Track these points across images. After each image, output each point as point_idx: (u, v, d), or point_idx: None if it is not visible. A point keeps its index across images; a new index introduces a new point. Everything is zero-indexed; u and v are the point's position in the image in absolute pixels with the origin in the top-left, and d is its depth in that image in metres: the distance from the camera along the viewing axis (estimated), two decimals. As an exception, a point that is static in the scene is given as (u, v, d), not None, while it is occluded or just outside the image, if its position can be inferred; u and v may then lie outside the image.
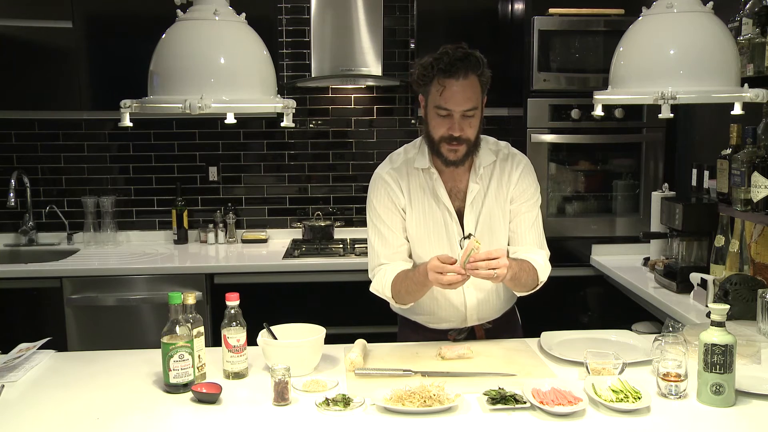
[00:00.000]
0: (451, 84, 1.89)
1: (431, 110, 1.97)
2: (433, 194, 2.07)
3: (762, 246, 2.49)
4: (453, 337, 2.15)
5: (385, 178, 2.09)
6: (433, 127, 1.98)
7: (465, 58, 1.90)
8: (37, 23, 3.40)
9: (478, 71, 1.92)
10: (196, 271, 3.30)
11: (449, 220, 2.07)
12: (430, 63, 1.92)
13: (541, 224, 2.14)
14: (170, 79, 1.67)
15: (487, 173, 2.08)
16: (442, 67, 1.89)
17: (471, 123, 1.95)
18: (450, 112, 1.92)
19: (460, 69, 1.89)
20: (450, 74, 1.89)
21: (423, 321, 2.18)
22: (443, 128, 1.95)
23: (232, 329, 1.80)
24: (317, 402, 1.63)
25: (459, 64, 1.89)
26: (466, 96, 1.91)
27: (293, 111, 1.82)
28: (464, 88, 1.90)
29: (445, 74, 1.89)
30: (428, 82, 1.94)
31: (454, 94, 1.90)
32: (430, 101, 1.97)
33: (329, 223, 3.83)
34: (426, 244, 2.08)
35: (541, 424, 1.55)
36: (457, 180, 2.08)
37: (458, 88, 1.90)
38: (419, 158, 2.09)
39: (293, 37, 3.85)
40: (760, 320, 2.11)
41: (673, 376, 1.65)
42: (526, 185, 2.10)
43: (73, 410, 1.65)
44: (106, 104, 2.96)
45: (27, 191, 3.74)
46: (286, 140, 3.92)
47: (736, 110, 1.73)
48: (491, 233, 2.08)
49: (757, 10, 2.32)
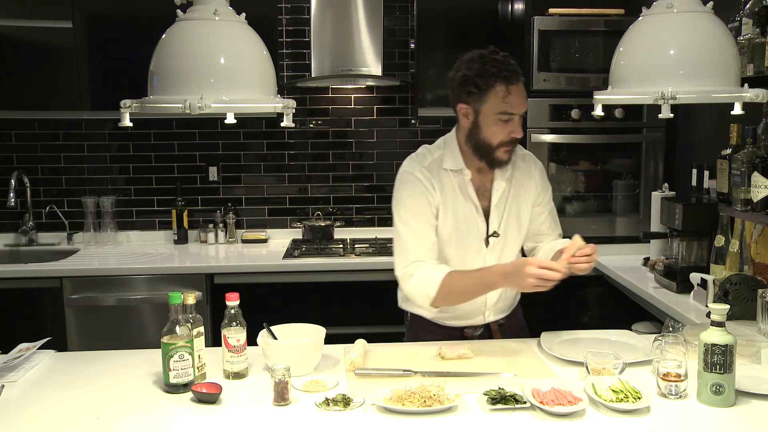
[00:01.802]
0: (513, 89, 1.97)
1: (491, 117, 1.99)
2: (464, 194, 2.10)
3: (762, 246, 2.49)
4: (470, 334, 2.18)
5: (417, 176, 2.08)
6: (493, 133, 2.01)
7: (514, 62, 2.01)
8: (37, 23, 3.40)
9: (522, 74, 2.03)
10: (196, 271, 3.30)
11: (478, 219, 2.11)
12: (490, 72, 1.97)
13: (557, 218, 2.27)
14: (170, 79, 1.67)
15: (510, 170, 2.15)
16: (506, 74, 1.97)
17: (520, 123, 2.05)
18: (513, 116, 1.99)
19: (517, 72, 1.99)
20: (511, 80, 1.97)
21: (440, 318, 2.18)
22: (504, 132, 2.00)
23: (232, 329, 1.80)
24: (317, 402, 1.63)
25: (514, 68, 1.99)
26: (525, 98, 2.01)
27: (293, 111, 1.82)
28: (522, 91, 2.00)
29: (508, 80, 1.97)
30: (487, 90, 1.98)
31: (518, 98, 1.98)
32: (488, 109, 1.99)
33: (329, 223, 3.83)
34: (456, 244, 2.10)
35: (541, 424, 1.55)
36: (483, 180, 2.12)
37: (520, 92, 1.99)
38: (448, 159, 2.10)
39: (293, 37, 3.85)
40: (760, 320, 2.11)
41: (673, 376, 1.65)
42: (547, 186, 2.22)
43: (73, 410, 1.65)
44: (106, 104, 2.96)
45: (27, 191, 3.74)
46: (286, 140, 3.92)
47: (736, 110, 1.73)
48: (512, 230, 2.15)
49: (757, 10, 2.32)
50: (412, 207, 2.07)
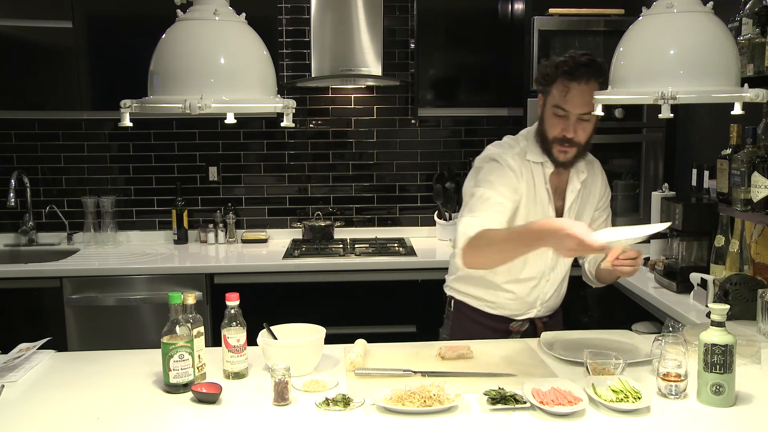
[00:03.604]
0: (573, 86, 1.97)
1: (549, 109, 2.03)
2: (542, 189, 2.11)
3: (762, 246, 2.49)
4: (516, 329, 2.21)
5: (509, 161, 2.07)
6: (549, 126, 2.04)
7: (589, 63, 1.97)
8: (37, 23, 3.40)
9: (600, 78, 1.96)
10: (196, 271, 3.30)
11: (550, 214, 2.12)
12: (556, 64, 2.01)
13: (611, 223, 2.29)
14: (170, 79, 1.67)
15: (584, 176, 2.16)
16: (566, 69, 1.97)
17: (585, 127, 2.02)
18: (567, 113, 1.99)
19: (583, 73, 1.96)
20: (573, 77, 1.97)
21: (490, 307, 2.20)
22: (558, 128, 2.02)
23: (232, 329, 1.80)
24: (317, 402, 1.63)
25: (583, 69, 1.96)
26: (585, 100, 1.97)
27: (293, 111, 1.82)
28: (584, 92, 1.96)
29: (568, 76, 1.97)
30: (551, 83, 2.02)
31: (574, 96, 1.97)
32: (549, 100, 2.03)
33: (329, 223, 3.83)
34: None
35: (541, 424, 1.55)
36: (560, 179, 2.15)
37: (579, 91, 1.97)
38: (532, 151, 2.11)
39: (293, 37, 3.85)
40: (760, 320, 2.11)
41: (673, 376, 1.65)
42: (608, 192, 2.27)
43: (73, 410, 1.65)
44: (106, 104, 2.96)
45: (27, 191, 3.74)
46: (286, 140, 3.92)
47: (736, 110, 1.73)
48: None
49: (757, 10, 2.32)
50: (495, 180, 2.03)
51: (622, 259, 1.89)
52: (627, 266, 1.91)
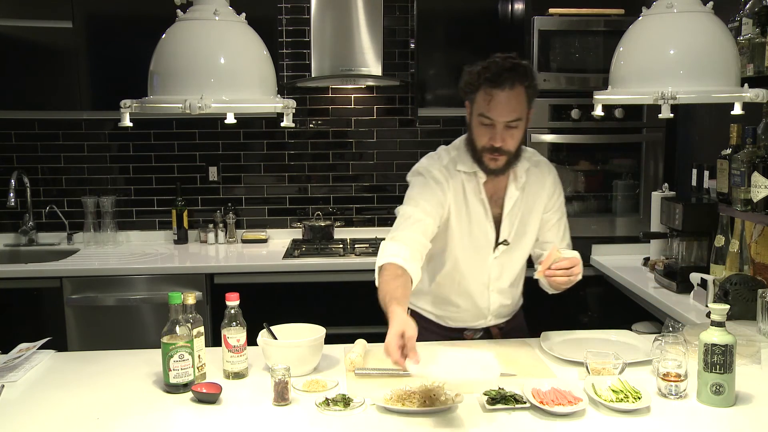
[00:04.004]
0: (497, 94, 1.89)
1: (475, 118, 1.96)
2: (476, 199, 2.06)
3: (762, 246, 2.49)
4: (470, 336, 2.18)
5: (435, 174, 2.04)
6: (477, 136, 1.98)
7: (513, 68, 1.90)
8: (37, 23, 3.40)
9: (526, 82, 1.91)
10: (196, 271, 3.30)
11: (487, 225, 2.08)
12: (478, 71, 1.92)
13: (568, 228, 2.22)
14: (170, 79, 1.67)
15: (524, 179, 2.10)
16: (489, 76, 1.89)
17: (513, 134, 1.95)
18: (493, 121, 1.92)
19: (507, 79, 1.88)
20: (496, 84, 1.88)
21: (441, 318, 2.19)
22: (485, 137, 1.95)
23: (232, 329, 1.80)
24: (317, 402, 1.63)
25: (506, 74, 1.88)
26: (511, 107, 1.91)
27: (293, 111, 1.82)
28: (509, 99, 1.90)
29: (491, 84, 1.89)
30: (475, 90, 1.94)
31: (499, 104, 1.90)
32: (475, 109, 1.96)
33: (329, 223, 3.83)
34: (465, 248, 2.08)
35: (541, 424, 1.55)
36: (497, 186, 2.08)
37: (503, 98, 1.89)
38: (463, 161, 2.06)
39: (293, 37, 3.85)
40: (760, 320, 2.11)
41: (673, 376, 1.65)
42: (558, 193, 2.17)
43: (73, 410, 1.65)
44: (106, 104, 2.96)
45: (27, 191, 3.74)
46: (286, 140, 3.92)
47: (736, 110, 1.73)
48: (523, 239, 2.13)
49: (757, 10, 2.32)
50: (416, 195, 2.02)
51: (554, 269, 1.88)
52: (560, 276, 1.88)
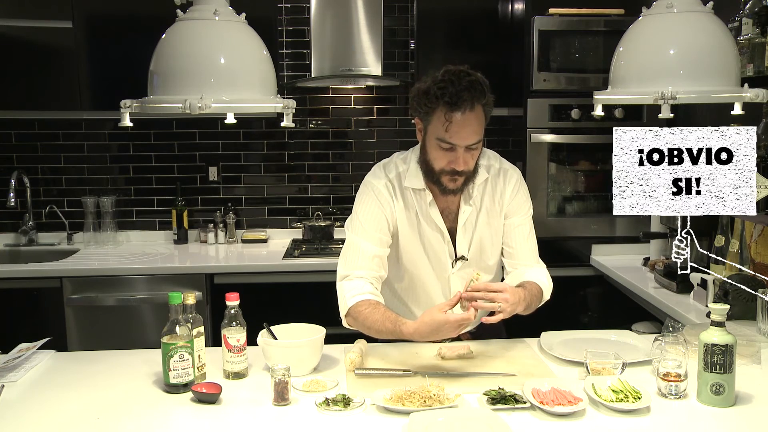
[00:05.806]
0: (457, 118, 1.79)
1: (432, 140, 1.86)
2: (425, 215, 2.00)
3: (762, 246, 2.49)
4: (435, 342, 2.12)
5: (380, 189, 1.99)
6: (434, 158, 1.88)
7: (470, 86, 1.79)
8: (37, 23, 3.40)
9: (483, 100, 1.83)
10: (196, 271, 3.30)
11: (442, 241, 2.02)
12: (434, 93, 1.80)
13: (534, 236, 2.10)
14: (170, 79, 1.67)
15: (479, 192, 2.02)
16: (448, 99, 1.79)
17: (473, 155, 1.88)
18: (454, 146, 1.83)
19: (466, 100, 1.78)
20: (456, 107, 1.78)
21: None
22: (444, 161, 1.86)
23: (232, 329, 1.80)
24: (317, 402, 1.63)
25: (465, 95, 1.78)
26: (473, 129, 1.82)
27: (293, 111, 1.82)
28: (470, 122, 1.81)
29: (450, 107, 1.79)
30: (430, 112, 1.83)
31: (461, 129, 1.80)
32: (431, 131, 1.86)
33: (329, 223, 3.83)
34: (423, 265, 2.04)
35: (541, 424, 1.55)
36: (449, 201, 2.01)
37: (464, 122, 1.80)
38: (411, 177, 1.99)
39: (293, 37, 3.85)
40: (760, 320, 2.11)
41: (673, 376, 1.65)
42: (519, 199, 2.06)
43: (73, 410, 1.65)
44: (106, 104, 2.96)
45: (27, 191, 3.74)
46: (286, 140, 3.92)
47: (736, 110, 1.73)
48: (483, 252, 2.07)
49: (757, 10, 2.32)
50: (366, 221, 2.00)
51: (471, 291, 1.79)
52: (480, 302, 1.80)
